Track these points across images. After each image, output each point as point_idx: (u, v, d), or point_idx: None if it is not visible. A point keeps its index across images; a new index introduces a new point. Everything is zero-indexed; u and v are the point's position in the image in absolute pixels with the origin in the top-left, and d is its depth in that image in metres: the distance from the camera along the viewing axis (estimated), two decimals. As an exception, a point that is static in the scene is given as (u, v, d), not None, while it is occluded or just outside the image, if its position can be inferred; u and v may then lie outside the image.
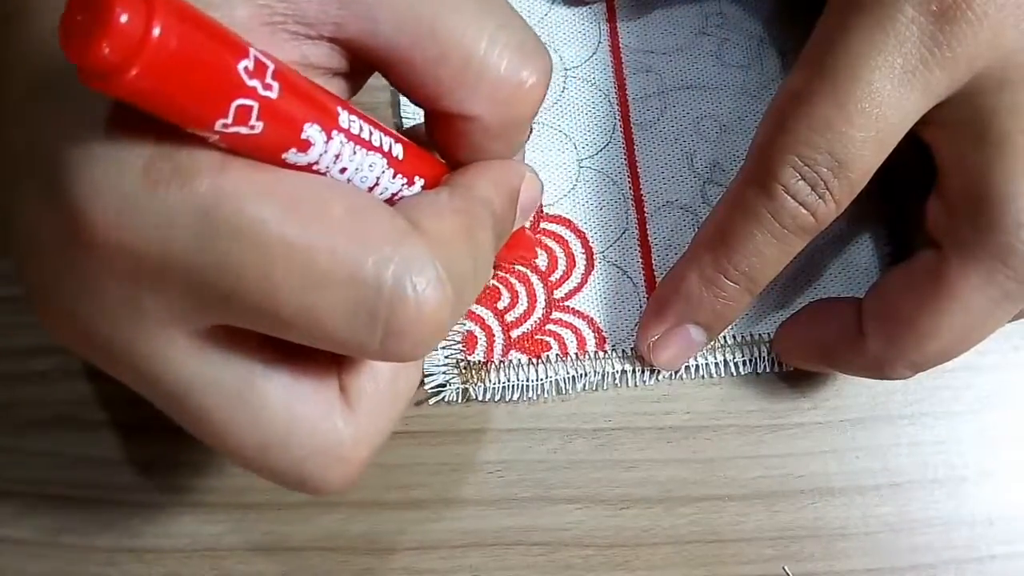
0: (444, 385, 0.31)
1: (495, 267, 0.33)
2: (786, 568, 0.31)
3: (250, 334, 0.21)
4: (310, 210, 0.19)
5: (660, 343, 0.31)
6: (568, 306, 0.32)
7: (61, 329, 0.22)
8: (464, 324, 0.32)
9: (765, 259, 0.28)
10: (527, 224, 0.33)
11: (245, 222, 0.19)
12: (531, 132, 0.26)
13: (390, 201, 0.22)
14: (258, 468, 0.23)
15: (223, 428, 0.22)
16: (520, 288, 0.32)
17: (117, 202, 0.19)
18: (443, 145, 0.25)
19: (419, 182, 0.23)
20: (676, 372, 0.32)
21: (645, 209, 0.33)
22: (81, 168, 0.19)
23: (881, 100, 0.26)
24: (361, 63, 0.22)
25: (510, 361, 0.32)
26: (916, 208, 0.30)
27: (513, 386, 0.31)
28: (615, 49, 0.35)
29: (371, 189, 0.22)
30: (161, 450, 0.30)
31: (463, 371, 0.31)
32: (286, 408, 0.22)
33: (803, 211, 0.27)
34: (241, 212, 0.19)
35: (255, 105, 0.18)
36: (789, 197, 0.27)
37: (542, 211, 0.33)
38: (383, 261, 0.20)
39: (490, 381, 0.31)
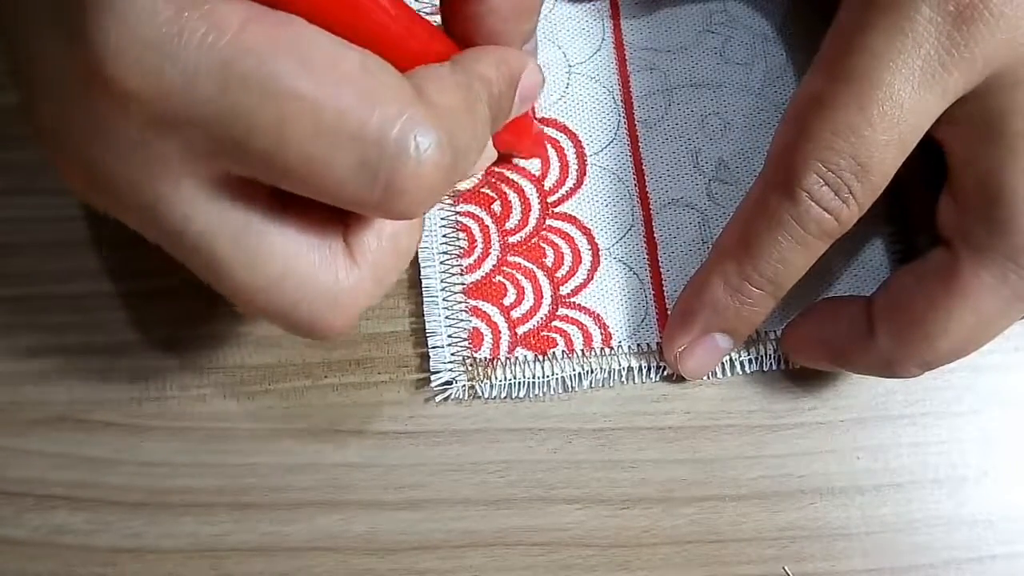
0: (450, 382, 0.31)
1: (501, 159, 0.33)
2: (786, 568, 0.31)
3: (258, 187, 0.22)
4: (323, 67, 0.20)
5: (687, 352, 0.31)
6: (574, 303, 0.32)
7: (73, 172, 0.23)
8: (470, 321, 0.32)
9: (790, 264, 0.28)
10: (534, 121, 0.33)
11: (262, 75, 0.20)
12: (538, 22, 0.29)
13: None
14: (262, 310, 0.24)
15: (229, 273, 0.23)
16: (526, 284, 0.32)
17: (143, 47, 0.20)
18: (455, 29, 0.27)
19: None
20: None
21: (651, 206, 0.33)
22: (109, 9, 0.20)
23: (901, 103, 0.26)
24: None
25: (516, 358, 0.31)
26: (925, 207, 0.29)
27: (519, 383, 0.31)
28: (619, 46, 0.35)
29: None
30: (161, 450, 0.30)
31: (469, 368, 0.31)
32: (289, 254, 0.23)
33: (827, 216, 0.27)
34: (259, 66, 0.20)
35: None
36: (813, 203, 0.27)
37: (548, 208, 0.33)
38: (388, 120, 0.21)
39: (496, 378, 0.31)
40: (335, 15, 0.22)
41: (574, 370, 0.31)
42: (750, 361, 0.32)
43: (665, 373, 0.32)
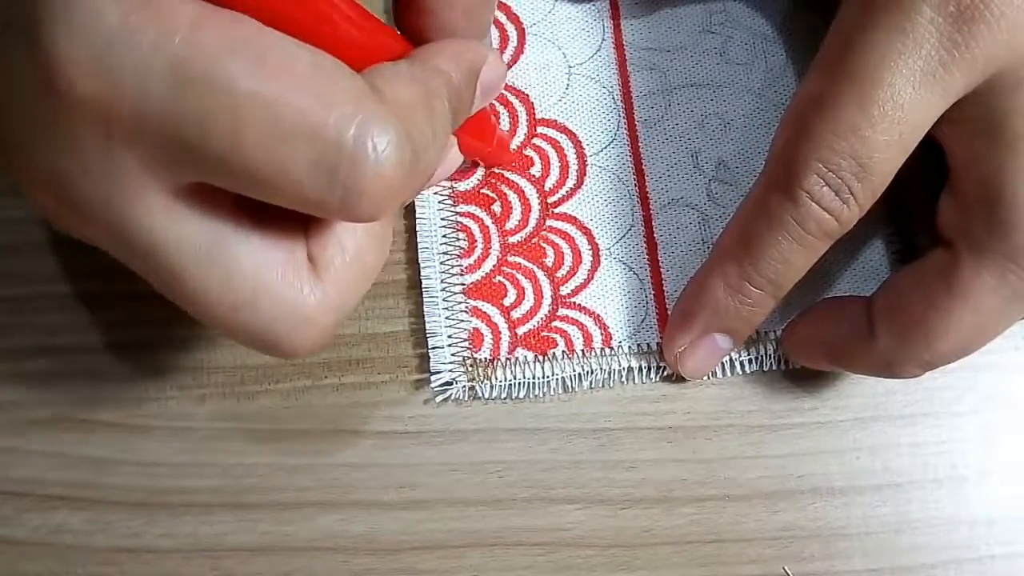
0: (450, 383, 0.31)
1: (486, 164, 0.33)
2: (786, 568, 0.31)
3: (222, 197, 0.22)
4: (277, 66, 0.20)
5: (687, 353, 0.31)
6: (574, 303, 0.32)
7: (40, 191, 0.22)
8: (470, 321, 0.31)
9: (790, 265, 0.28)
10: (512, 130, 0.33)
11: (216, 75, 0.20)
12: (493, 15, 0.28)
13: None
14: (229, 328, 0.24)
15: (195, 288, 0.23)
16: (526, 284, 0.32)
17: (94, 50, 0.19)
18: (410, 25, 0.26)
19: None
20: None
21: (651, 206, 0.33)
22: (59, 16, 0.19)
23: (902, 103, 0.26)
24: None
25: (516, 358, 0.31)
26: (925, 207, 0.30)
27: (519, 383, 0.31)
28: (619, 46, 0.35)
29: None
30: (161, 450, 0.30)
31: (469, 369, 0.31)
32: (255, 270, 0.23)
33: (827, 216, 0.27)
34: (213, 66, 0.20)
35: None
36: (813, 203, 0.27)
37: (548, 208, 0.33)
38: (344, 119, 0.20)
39: (496, 379, 0.31)
40: (287, 14, 0.21)
41: (574, 370, 0.31)
42: (750, 361, 0.32)
43: (665, 373, 0.32)
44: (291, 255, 0.24)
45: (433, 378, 0.31)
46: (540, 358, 0.31)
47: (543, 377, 0.31)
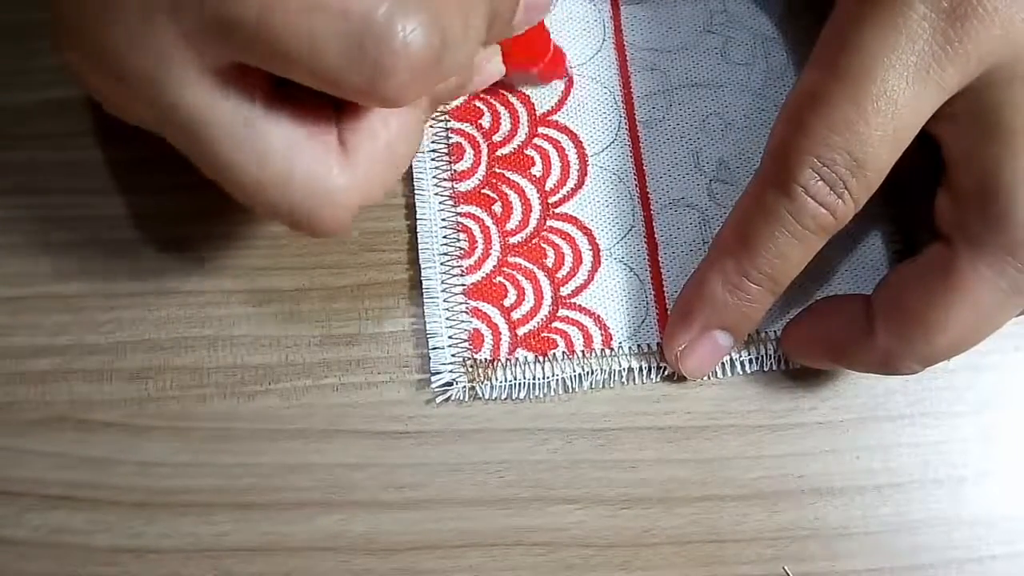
0: (451, 384, 0.31)
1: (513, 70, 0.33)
2: (786, 568, 0.31)
3: (258, 78, 0.23)
4: None
5: (688, 351, 0.31)
6: (575, 303, 0.32)
7: (89, 65, 0.24)
8: (471, 322, 0.31)
9: (787, 260, 0.29)
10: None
11: None
12: None
13: None
14: (260, 203, 0.25)
15: (227, 162, 0.24)
16: (527, 285, 0.32)
17: None
18: None
19: None
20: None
21: (651, 207, 0.33)
22: None
23: (896, 98, 0.26)
24: None
25: (516, 359, 0.31)
26: (924, 204, 0.30)
27: (519, 384, 0.31)
28: (620, 47, 0.35)
29: None
30: (161, 450, 0.30)
31: (469, 369, 0.31)
32: (286, 149, 0.24)
33: (823, 211, 0.27)
34: None
35: None
36: (809, 198, 0.27)
37: (548, 208, 0.33)
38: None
39: (496, 379, 0.31)
40: None
41: (574, 371, 0.31)
42: (750, 361, 0.32)
43: (665, 374, 0.32)
44: (322, 138, 0.25)
45: (433, 378, 0.31)
46: (540, 359, 0.31)
47: (543, 378, 0.31)
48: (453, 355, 0.31)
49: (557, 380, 0.31)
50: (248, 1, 0.21)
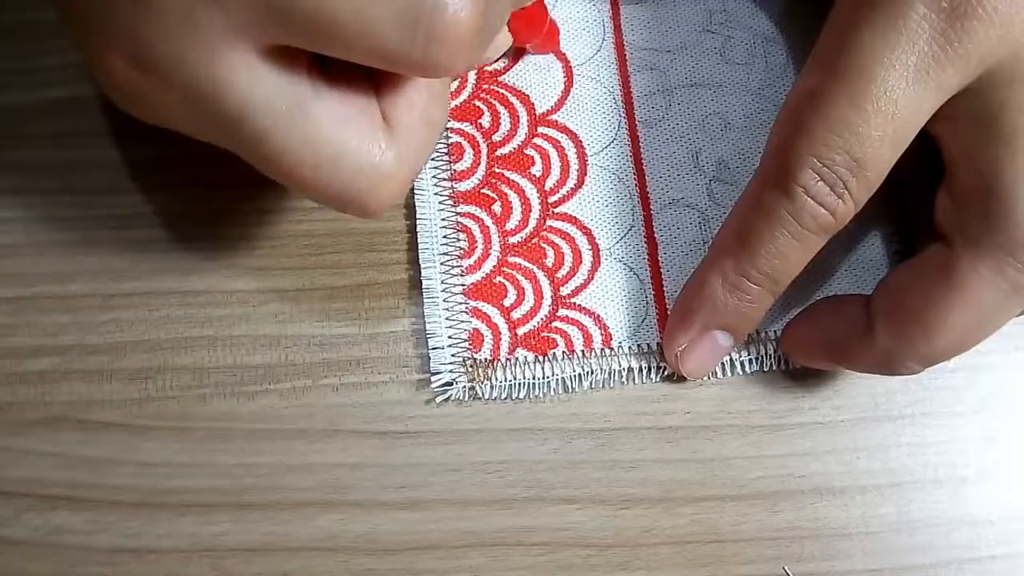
0: (451, 383, 0.31)
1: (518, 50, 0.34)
2: (786, 568, 0.31)
3: (301, 59, 0.23)
4: None
5: (688, 351, 0.31)
6: (574, 303, 0.32)
7: (116, 54, 0.23)
8: (470, 322, 0.31)
9: (787, 260, 0.28)
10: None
11: None
12: None
13: None
14: (312, 187, 0.25)
15: (279, 148, 0.24)
16: (526, 285, 0.32)
17: None
18: None
19: None
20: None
21: (651, 206, 0.33)
22: None
23: (896, 99, 0.26)
24: None
25: (516, 359, 0.31)
26: (924, 204, 0.30)
27: (519, 384, 0.31)
28: (619, 47, 0.35)
29: None
30: (161, 450, 0.30)
31: (469, 369, 0.31)
32: (335, 129, 0.24)
33: (823, 211, 0.27)
34: None
35: None
36: (809, 198, 0.27)
37: (548, 208, 0.33)
38: None
39: (496, 379, 0.31)
40: None
41: (574, 371, 0.31)
42: (750, 361, 0.32)
43: (665, 373, 0.32)
44: (367, 114, 0.25)
45: (433, 379, 0.31)
46: (540, 358, 0.31)
47: (543, 378, 0.31)
48: (453, 355, 0.31)
49: (557, 380, 0.31)
50: None
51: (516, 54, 0.34)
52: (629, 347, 0.32)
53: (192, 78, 0.23)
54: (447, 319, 0.31)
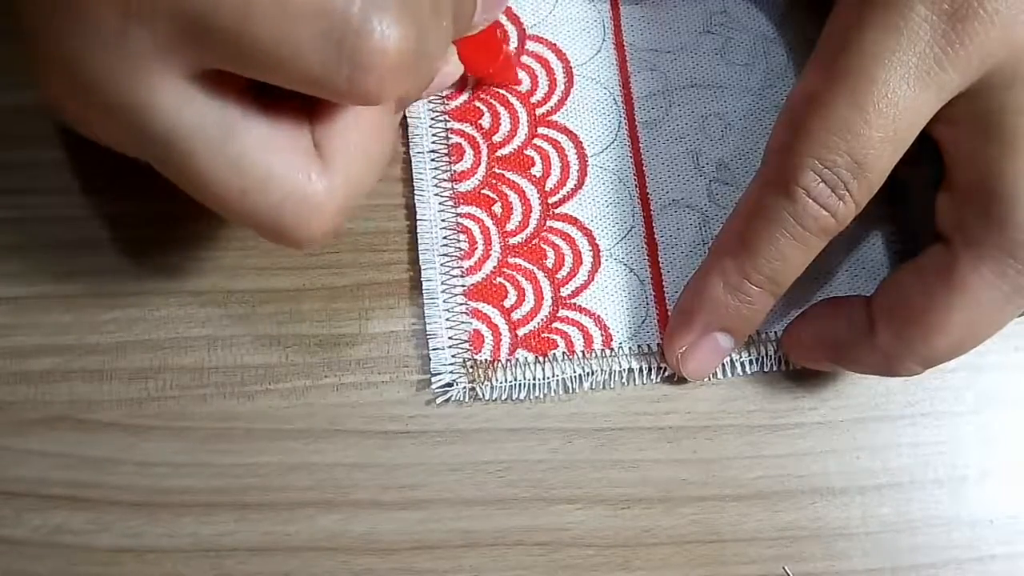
0: (451, 384, 0.31)
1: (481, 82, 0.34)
2: (786, 568, 0.31)
3: (233, 83, 0.23)
4: None
5: (688, 353, 0.31)
6: (575, 304, 0.32)
7: (54, 74, 0.24)
8: (471, 323, 0.31)
9: (788, 262, 0.29)
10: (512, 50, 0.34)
11: None
12: None
13: None
14: (240, 213, 0.24)
15: (206, 173, 0.23)
16: (527, 286, 0.32)
17: None
18: None
19: None
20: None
21: (651, 207, 0.33)
22: None
23: (897, 100, 0.26)
24: None
25: (517, 360, 0.31)
26: (924, 206, 0.30)
27: (520, 385, 0.31)
28: (619, 47, 0.35)
29: None
30: (161, 450, 0.30)
31: (470, 370, 0.31)
32: (264, 155, 0.23)
33: (824, 213, 0.27)
34: None
35: None
36: (810, 200, 0.27)
37: (548, 209, 0.33)
38: None
39: (497, 380, 0.31)
40: None
41: (574, 372, 0.31)
42: (750, 361, 0.32)
43: (666, 374, 0.32)
44: (298, 142, 0.24)
45: (434, 379, 0.31)
46: (540, 359, 0.31)
47: (543, 378, 0.31)
48: (453, 356, 0.31)
49: (557, 380, 0.31)
50: (223, 7, 0.21)
51: (475, 86, 0.34)
52: (629, 348, 0.32)
53: (121, 98, 0.22)
54: (447, 320, 0.31)
